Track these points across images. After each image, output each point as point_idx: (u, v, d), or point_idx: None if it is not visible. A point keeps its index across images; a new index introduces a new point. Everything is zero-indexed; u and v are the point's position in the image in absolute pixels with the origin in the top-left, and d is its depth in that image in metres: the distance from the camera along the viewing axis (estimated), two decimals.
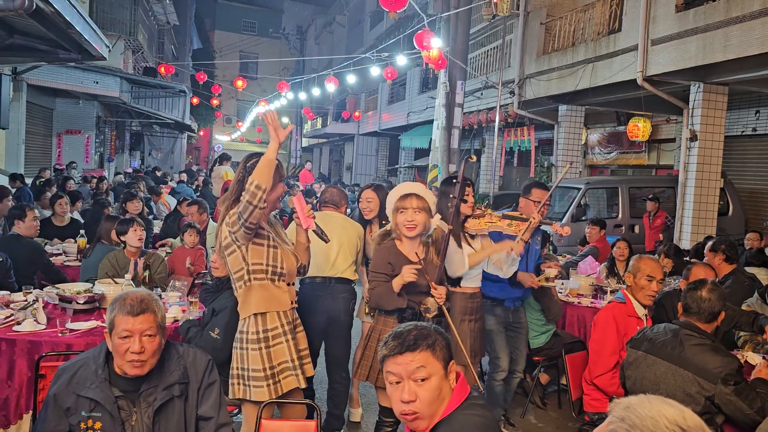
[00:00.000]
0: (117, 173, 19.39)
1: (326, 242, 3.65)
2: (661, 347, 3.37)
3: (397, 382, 1.99)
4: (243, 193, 3.16)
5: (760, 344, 4.05)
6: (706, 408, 3.13)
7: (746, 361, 3.76)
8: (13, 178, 10.87)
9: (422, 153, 21.52)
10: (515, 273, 4.48)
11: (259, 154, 3.33)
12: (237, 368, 3.37)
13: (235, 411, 3.97)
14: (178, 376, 2.59)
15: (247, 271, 3.33)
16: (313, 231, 3.54)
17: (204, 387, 2.65)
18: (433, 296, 3.59)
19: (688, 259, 6.33)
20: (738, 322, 4.22)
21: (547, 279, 4.86)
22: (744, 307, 4.66)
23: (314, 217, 3.52)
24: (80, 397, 2.47)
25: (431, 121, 13.11)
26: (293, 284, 3.56)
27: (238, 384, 3.36)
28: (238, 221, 3.18)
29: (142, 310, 2.47)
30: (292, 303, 3.48)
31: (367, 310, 4.84)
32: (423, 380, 1.96)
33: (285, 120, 42.54)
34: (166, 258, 5.90)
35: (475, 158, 4.52)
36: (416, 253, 3.67)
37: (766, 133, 11.94)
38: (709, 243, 5.37)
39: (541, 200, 4.49)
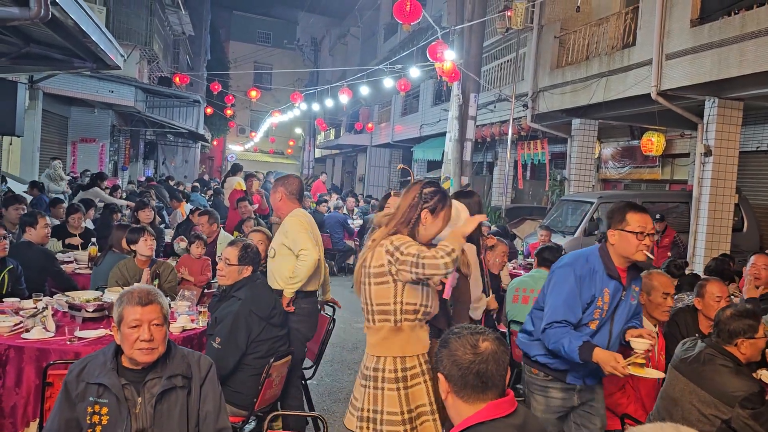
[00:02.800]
0: (130, 182, 19.50)
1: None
2: (685, 364, 3.31)
3: None
4: (439, 261, 2.85)
5: None
6: (721, 430, 3.07)
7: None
8: (32, 185, 10.93)
9: (435, 165, 21.49)
10: (585, 349, 3.14)
11: (434, 181, 3.24)
12: (368, 410, 3.04)
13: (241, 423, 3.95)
14: (182, 369, 2.73)
15: (399, 310, 3.03)
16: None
17: (206, 384, 2.78)
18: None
19: (691, 272, 6.28)
20: None
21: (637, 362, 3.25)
22: None
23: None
24: (89, 384, 2.63)
25: (444, 134, 13.10)
26: None
27: (368, 428, 3.02)
28: (412, 268, 2.88)
29: (149, 301, 2.67)
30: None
31: None
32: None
33: (298, 131, 42.62)
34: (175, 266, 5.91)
35: (402, 166, 4.42)
36: None
37: None
38: (766, 256, 5.24)
39: (644, 229, 3.26)
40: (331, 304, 5.24)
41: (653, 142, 12.47)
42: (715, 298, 4.09)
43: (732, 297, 4.66)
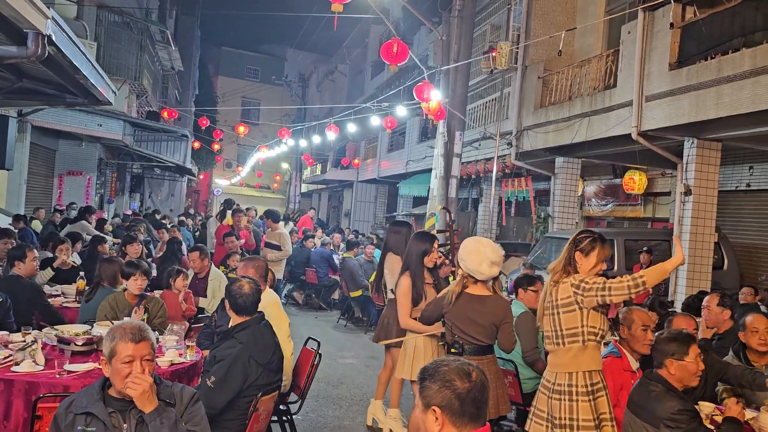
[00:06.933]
0: (116, 215, 19.48)
1: None
2: (631, 398, 3.53)
3: None
4: (627, 283, 3.61)
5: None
6: None
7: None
8: (17, 219, 10.91)
9: (420, 201, 21.67)
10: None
11: (591, 232, 4.00)
12: (565, 418, 3.73)
13: None
14: (165, 396, 2.89)
15: (583, 332, 3.78)
16: None
17: (188, 412, 2.93)
18: None
19: (673, 310, 6.40)
20: (726, 374, 4.28)
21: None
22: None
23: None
24: (77, 415, 2.78)
25: (430, 170, 13.27)
26: None
27: None
28: (599, 292, 3.66)
29: (142, 338, 2.84)
30: None
31: None
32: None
33: (285, 166, 42.72)
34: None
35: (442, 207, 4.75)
36: None
37: (760, 188, 12.08)
38: (717, 297, 5.39)
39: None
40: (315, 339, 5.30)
41: (635, 181, 12.72)
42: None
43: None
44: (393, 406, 5.89)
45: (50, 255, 7.77)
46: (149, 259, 9.48)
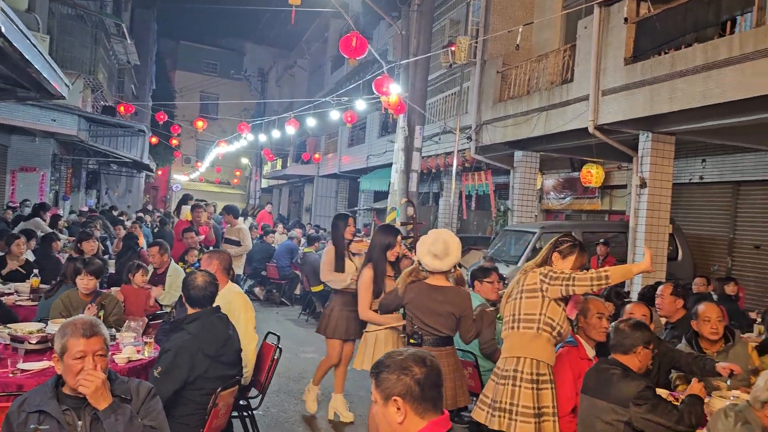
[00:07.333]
0: (72, 212, 19.10)
1: None
2: (588, 383, 3.62)
3: None
4: (591, 275, 3.76)
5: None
6: None
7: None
8: None
9: (381, 195, 21.69)
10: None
11: (573, 237, 4.13)
12: (506, 402, 3.78)
13: None
14: (120, 392, 2.84)
15: (540, 320, 3.86)
16: None
17: (146, 407, 2.88)
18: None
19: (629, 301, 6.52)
20: (678, 362, 4.38)
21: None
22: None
23: None
24: (30, 413, 2.73)
25: (390, 164, 13.28)
26: None
27: (502, 417, 3.78)
28: (564, 282, 3.79)
29: (93, 333, 2.79)
30: None
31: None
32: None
33: (245, 161, 42.41)
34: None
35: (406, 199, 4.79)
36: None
37: (712, 181, 12.38)
38: (671, 287, 5.51)
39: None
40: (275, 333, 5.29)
41: (592, 174, 12.93)
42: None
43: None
44: (315, 382, 6.22)
45: (1, 253, 7.61)
46: (105, 256, 9.33)
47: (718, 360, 4.26)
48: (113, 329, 4.93)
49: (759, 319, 8.20)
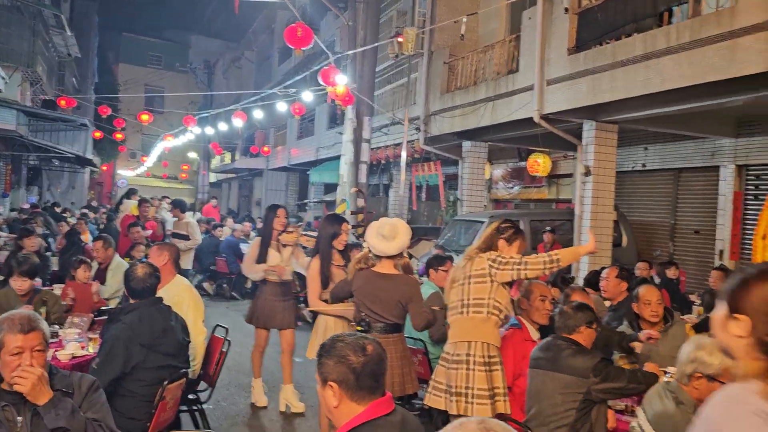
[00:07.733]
0: (12, 209, 18.55)
1: None
2: (540, 360, 3.72)
3: None
4: (543, 259, 3.92)
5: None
6: (583, 404, 3.50)
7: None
8: None
9: (332, 188, 21.60)
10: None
11: (512, 222, 4.32)
12: (462, 386, 3.86)
13: None
14: (61, 386, 2.77)
15: (489, 304, 3.95)
16: None
17: (88, 400, 2.82)
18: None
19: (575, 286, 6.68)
20: (611, 342, 4.54)
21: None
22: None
23: None
24: None
25: (340, 157, 13.26)
26: None
27: (459, 401, 3.84)
28: (516, 266, 3.90)
29: (31, 328, 2.70)
30: None
31: None
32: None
33: (192, 155, 41.77)
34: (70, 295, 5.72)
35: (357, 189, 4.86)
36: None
37: (654, 168, 12.69)
38: (617, 270, 5.65)
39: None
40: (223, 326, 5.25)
41: (539, 164, 13.11)
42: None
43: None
44: (256, 375, 6.30)
45: None
46: (48, 253, 9.11)
47: (660, 341, 4.40)
48: (56, 326, 4.82)
49: (698, 301, 8.49)
